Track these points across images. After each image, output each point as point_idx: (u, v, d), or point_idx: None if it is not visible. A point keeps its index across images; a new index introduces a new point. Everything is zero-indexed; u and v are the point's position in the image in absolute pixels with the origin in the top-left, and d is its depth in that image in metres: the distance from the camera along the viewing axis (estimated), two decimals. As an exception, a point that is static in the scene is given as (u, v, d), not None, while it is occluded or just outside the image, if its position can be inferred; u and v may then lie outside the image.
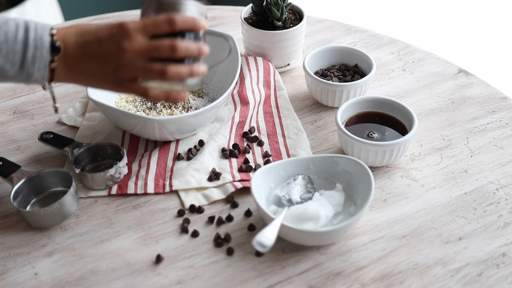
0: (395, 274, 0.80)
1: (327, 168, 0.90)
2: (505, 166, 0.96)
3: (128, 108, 1.03)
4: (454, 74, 1.16)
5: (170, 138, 0.99)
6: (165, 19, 0.71)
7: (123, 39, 0.71)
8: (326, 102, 1.07)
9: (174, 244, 0.85)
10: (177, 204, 0.91)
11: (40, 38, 0.71)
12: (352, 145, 0.93)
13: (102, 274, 0.81)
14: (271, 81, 1.12)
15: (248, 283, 0.80)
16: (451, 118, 1.05)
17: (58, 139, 0.98)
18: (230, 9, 1.37)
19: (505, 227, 0.86)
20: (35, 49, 0.70)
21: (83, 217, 0.89)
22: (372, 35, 1.28)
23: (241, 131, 1.02)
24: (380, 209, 0.89)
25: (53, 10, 2.10)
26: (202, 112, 0.95)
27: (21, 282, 0.80)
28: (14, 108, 1.10)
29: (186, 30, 0.73)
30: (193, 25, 0.73)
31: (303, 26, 1.13)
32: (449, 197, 0.91)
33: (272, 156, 0.98)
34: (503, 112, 1.06)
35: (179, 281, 0.80)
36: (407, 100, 1.09)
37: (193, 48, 0.73)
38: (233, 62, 1.05)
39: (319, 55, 1.10)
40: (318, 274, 0.81)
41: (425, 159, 0.98)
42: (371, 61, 1.07)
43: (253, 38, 1.14)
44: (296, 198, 0.86)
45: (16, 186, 0.88)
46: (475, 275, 0.80)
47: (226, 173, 0.94)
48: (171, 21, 0.71)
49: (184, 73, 0.73)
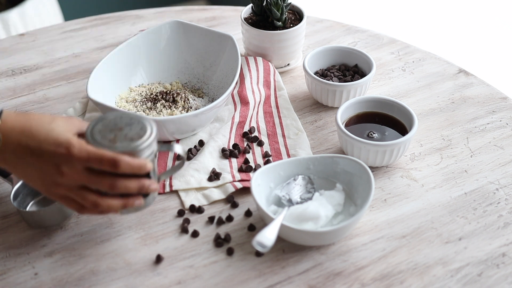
0: (395, 274, 0.80)
1: (327, 168, 0.90)
2: (505, 166, 0.96)
3: (128, 108, 1.03)
4: (454, 74, 1.16)
5: (170, 138, 0.99)
6: (110, 159, 0.71)
7: (65, 163, 0.71)
8: (326, 102, 1.07)
9: (174, 244, 0.85)
10: (177, 204, 0.91)
11: None
12: (352, 145, 0.93)
13: (102, 274, 0.81)
14: (271, 81, 1.12)
15: (248, 283, 0.80)
16: (451, 118, 1.05)
17: (58, 139, 0.98)
18: (230, 9, 1.37)
19: (505, 227, 0.86)
20: None
21: (83, 217, 0.89)
22: (372, 35, 1.28)
23: (241, 131, 1.02)
24: (380, 209, 0.89)
25: (53, 10, 2.10)
26: (202, 112, 0.95)
27: (21, 282, 0.80)
28: (14, 108, 1.10)
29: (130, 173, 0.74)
30: (138, 170, 0.74)
31: (303, 26, 1.13)
32: (449, 197, 0.91)
33: (272, 156, 0.98)
34: (503, 112, 1.06)
35: (179, 281, 0.80)
36: (407, 100, 1.09)
37: (133, 187, 0.74)
38: (233, 62, 1.05)
39: (319, 55, 1.10)
40: (318, 274, 0.81)
41: (425, 159, 0.98)
42: (371, 61, 1.07)
43: (253, 38, 1.14)
44: (296, 198, 0.86)
45: (16, 186, 0.88)
46: (475, 275, 0.80)
47: (226, 173, 0.94)
48: (115, 163, 0.71)
49: (116, 206, 0.74)
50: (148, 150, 0.76)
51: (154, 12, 1.37)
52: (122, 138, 0.74)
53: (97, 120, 0.76)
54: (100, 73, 1.00)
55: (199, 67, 1.12)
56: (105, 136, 0.74)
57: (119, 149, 0.73)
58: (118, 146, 0.73)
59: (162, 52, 1.11)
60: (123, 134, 0.75)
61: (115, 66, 1.04)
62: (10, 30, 1.91)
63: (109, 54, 1.03)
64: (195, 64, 1.12)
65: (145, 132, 0.75)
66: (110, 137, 0.74)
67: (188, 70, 1.12)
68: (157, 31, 1.10)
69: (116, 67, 1.05)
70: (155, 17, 1.35)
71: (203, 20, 1.33)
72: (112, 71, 1.04)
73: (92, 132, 0.75)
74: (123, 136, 0.74)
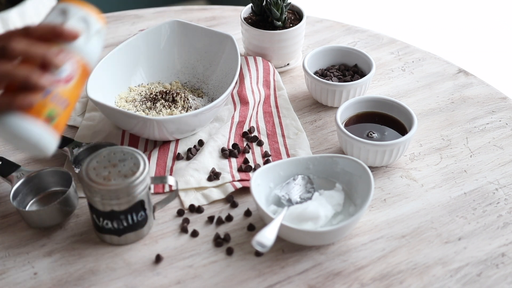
0: (394, 274, 0.80)
1: (326, 168, 0.90)
2: (504, 166, 0.96)
3: (127, 108, 1.03)
4: (453, 74, 1.16)
5: (170, 138, 0.99)
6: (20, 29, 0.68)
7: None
8: (325, 102, 1.07)
9: (173, 244, 0.85)
10: (177, 204, 0.91)
11: None
12: (351, 145, 0.93)
13: (101, 274, 0.81)
14: (271, 81, 1.12)
15: (248, 283, 0.80)
16: (451, 118, 1.05)
17: (58, 139, 0.98)
18: (230, 9, 1.37)
19: (504, 227, 0.86)
20: None
21: (83, 217, 0.89)
22: (372, 35, 1.28)
23: (241, 131, 1.02)
24: (380, 209, 0.89)
25: (53, 10, 2.10)
26: (202, 112, 0.95)
27: (21, 282, 0.80)
28: (14, 107, 1.10)
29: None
30: (53, 33, 0.68)
31: (303, 26, 1.13)
32: (448, 197, 0.91)
33: (271, 156, 0.98)
34: (503, 112, 1.06)
35: (178, 281, 0.80)
36: (407, 100, 1.09)
37: (38, 52, 0.67)
38: (232, 62, 1.05)
39: (319, 55, 1.10)
40: (318, 274, 0.81)
41: (425, 159, 0.97)
42: (371, 61, 1.07)
43: (253, 38, 1.14)
44: (295, 198, 0.86)
45: (16, 186, 0.88)
46: (475, 275, 0.80)
47: (225, 173, 0.94)
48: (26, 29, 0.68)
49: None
50: (142, 185, 0.79)
51: (154, 12, 1.37)
52: (116, 175, 0.77)
53: (91, 157, 0.79)
54: (100, 72, 1.00)
55: (199, 67, 1.12)
56: (100, 174, 0.77)
57: (114, 187, 0.76)
58: (113, 184, 0.76)
59: (161, 51, 1.11)
60: (117, 171, 0.78)
61: (114, 66, 1.04)
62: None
63: (108, 54, 1.03)
64: (194, 64, 1.12)
65: (138, 168, 0.78)
66: (105, 175, 0.77)
67: (188, 70, 1.12)
68: (157, 31, 1.10)
69: (115, 66, 1.05)
70: (154, 17, 1.35)
71: (203, 20, 1.33)
72: (112, 70, 1.04)
73: (86, 170, 0.78)
74: (116, 173, 0.78)
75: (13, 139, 0.70)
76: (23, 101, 0.66)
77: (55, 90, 0.69)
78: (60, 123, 0.72)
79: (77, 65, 0.71)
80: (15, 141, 0.70)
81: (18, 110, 0.67)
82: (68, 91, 0.71)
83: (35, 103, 0.68)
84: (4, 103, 0.65)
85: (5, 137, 0.70)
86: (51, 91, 0.69)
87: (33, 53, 0.67)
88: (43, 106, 0.69)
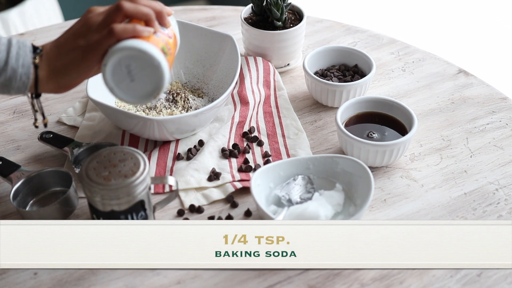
0: (394, 274, 0.80)
1: (326, 168, 0.90)
2: (504, 166, 0.96)
3: (128, 108, 1.03)
4: (454, 74, 1.16)
5: (170, 138, 0.99)
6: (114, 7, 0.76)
7: (87, 13, 0.77)
8: (326, 102, 1.07)
9: (173, 244, 0.85)
10: (177, 204, 0.91)
11: (23, 41, 0.77)
12: (352, 145, 0.93)
13: (101, 274, 0.81)
14: (271, 81, 1.12)
15: (248, 283, 0.80)
16: (451, 119, 1.05)
17: (58, 139, 0.98)
18: (230, 9, 1.37)
19: (504, 228, 0.86)
20: (18, 48, 0.75)
21: (83, 217, 0.89)
22: (372, 35, 1.28)
23: (241, 131, 1.02)
24: (380, 209, 0.89)
25: (53, 9, 2.10)
26: (202, 112, 0.95)
27: (21, 282, 0.80)
28: (14, 107, 1.10)
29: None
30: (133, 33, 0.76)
31: (303, 26, 1.13)
32: (448, 197, 0.91)
33: (272, 156, 0.98)
34: (503, 113, 1.06)
35: (178, 281, 0.80)
36: (407, 100, 1.09)
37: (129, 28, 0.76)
38: (232, 62, 1.05)
39: (319, 55, 1.10)
40: (318, 274, 0.81)
41: (425, 159, 0.98)
42: (371, 61, 1.07)
43: (253, 38, 1.14)
44: (295, 198, 0.86)
45: (16, 186, 0.88)
46: (475, 275, 0.80)
47: (225, 173, 0.94)
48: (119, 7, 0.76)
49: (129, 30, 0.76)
50: (142, 185, 0.78)
51: (154, 12, 1.36)
52: (116, 175, 0.77)
53: (91, 157, 0.79)
54: (100, 72, 1.00)
55: (199, 67, 1.12)
56: (100, 174, 0.77)
57: (114, 187, 0.76)
58: (113, 184, 0.76)
59: (162, 52, 1.11)
60: (117, 171, 0.77)
61: (115, 66, 1.04)
62: (10, 29, 1.91)
63: (109, 54, 1.03)
64: (195, 64, 1.12)
65: (139, 168, 0.78)
66: (105, 175, 0.77)
67: (188, 70, 1.12)
68: (157, 31, 1.10)
69: (116, 66, 1.05)
70: (155, 17, 1.35)
71: (203, 20, 1.33)
72: (112, 70, 1.04)
73: (87, 170, 0.78)
74: (117, 173, 0.77)
75: (136, 60, 0.73)
76: (145, 28, 0.76)
77: (163, 37, 0.78)
78: (169, 61, 0.78)
79: (172, 33, 0.82)
80: (137, 63, 0.74)
81: (141, 36, 0.75)
82: (171, 43, 0.80)
83: (153, 34, 0.77)
84: (130, 28, 0.75)
85: (126, 61, 0.74)
86: (160, 36, 0.78)
87: (146, 10, 0.77)
88: (158, 41, 0.76)
